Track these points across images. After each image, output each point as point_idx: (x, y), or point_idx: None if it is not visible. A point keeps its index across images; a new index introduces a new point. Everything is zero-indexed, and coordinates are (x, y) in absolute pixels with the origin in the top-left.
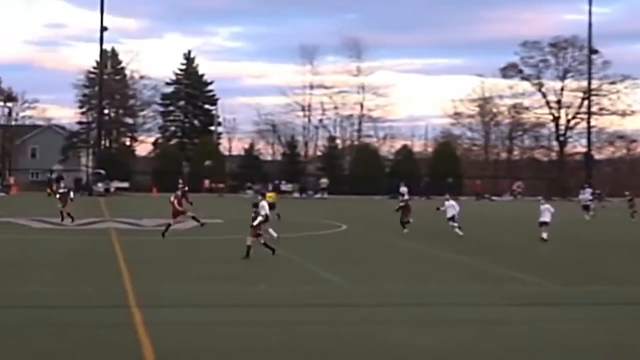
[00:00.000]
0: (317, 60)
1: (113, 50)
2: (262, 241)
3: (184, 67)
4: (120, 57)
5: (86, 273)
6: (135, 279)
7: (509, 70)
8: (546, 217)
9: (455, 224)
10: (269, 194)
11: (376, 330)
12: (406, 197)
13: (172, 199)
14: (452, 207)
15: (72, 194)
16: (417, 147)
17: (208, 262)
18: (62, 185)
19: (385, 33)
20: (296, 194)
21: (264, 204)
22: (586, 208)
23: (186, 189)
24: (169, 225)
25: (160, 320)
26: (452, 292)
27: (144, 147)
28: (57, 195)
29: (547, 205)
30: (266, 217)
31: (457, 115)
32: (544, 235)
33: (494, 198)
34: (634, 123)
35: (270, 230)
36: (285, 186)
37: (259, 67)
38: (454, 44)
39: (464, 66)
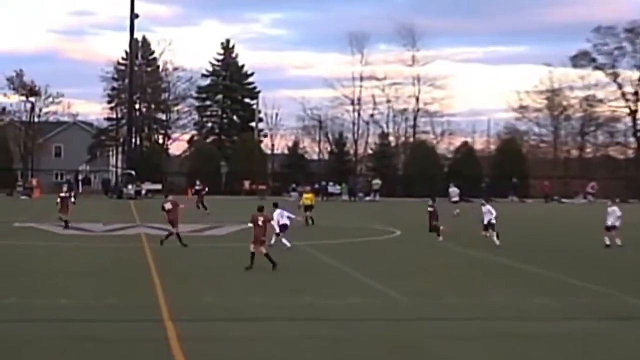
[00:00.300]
0: (367, 49)
1: (144, 39)
2: (264, 251)
3: (221, 57)
4: (152, 47)
5: (115, 283)
6: (169, 289)
7: (581, 59)
8: (614, 221)
9: (493, 232)
10: (306, 195)
11: (437, 349)
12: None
13: (167, 206)
14: (488, 212)
15: (73, 198)
16: (479, 144)
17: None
18: (64, 188)
19: (443, 18)
20: (345, 197)
21: (279, 212)
22: None
23: (206, 190)
24: (170, 234)
25: (196, 335)
26: (519, 305)
27: (178, 146)
28: (58, 200)
29: (615, 208)
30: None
31: (522, 108)
32: (607, 240)
33: (564, 200)
34: None
35: (284, 240)
36: (332, 188)
37: (303, 57)
38: (518, 29)
39: (530, 54)
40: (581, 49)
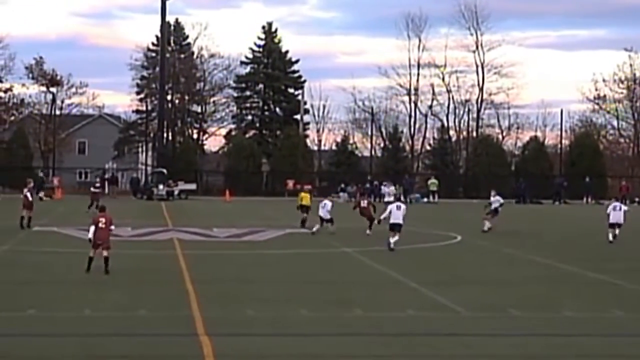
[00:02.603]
0: (425, 33)
1: (177, 22)
2: (105, 254)
3: (263, 42)
4: (186, 32)
5: (145, 294)
6: (204, 301)
7: None
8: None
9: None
10: (302, 194)
11: None
12: (495, 204)
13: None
14: (496, 201)
15: (30, 195)
16: (550, 139)
17: (289, 280)
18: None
19: None
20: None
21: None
22: None
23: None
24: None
25: (235, 353)
26: (595, 319)
27: (214, 141)
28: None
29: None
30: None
31: (599, 99)
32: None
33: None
34: None
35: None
36: (386, 188)
37: (355, 42)
38: (596, 11)
39: (609, 39)
40: None
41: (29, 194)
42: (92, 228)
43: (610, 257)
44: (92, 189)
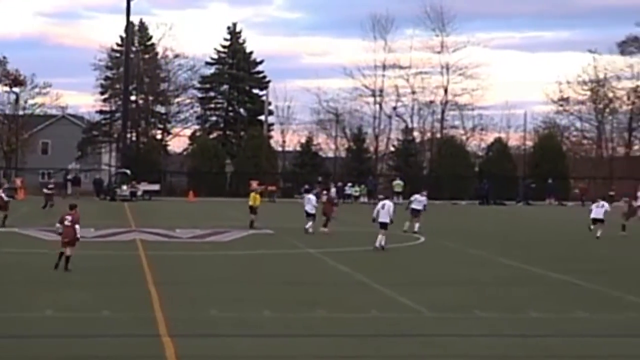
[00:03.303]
0: (391, 34)
1: (142, 23)
2: (68, 253)
3: (228, 43)
4: (151, 32)
5: (108, 295)
6: (167, 302)
7: (629, 45)
8: (599, 215)
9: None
10: (252, 195)
11: None
12: (418, 205)
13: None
14: (419, 202)
15: (5, 196)
16: (514, 140)
17: (253, 281)
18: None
19: (476, 1)
20: (363, 199)
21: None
22: None
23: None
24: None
25: (197, 354)
26: (560, 320)
27: (178, 142)
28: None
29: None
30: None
31: (563, 101)
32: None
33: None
34: None
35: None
36: (350, 189)
37: (320, 42)
38: (561, 13)
39: (574, 40)
40: (630, 34)
41: (3, 195)
42: (58, 225)
43: (573, 258)
44: (44, 190)
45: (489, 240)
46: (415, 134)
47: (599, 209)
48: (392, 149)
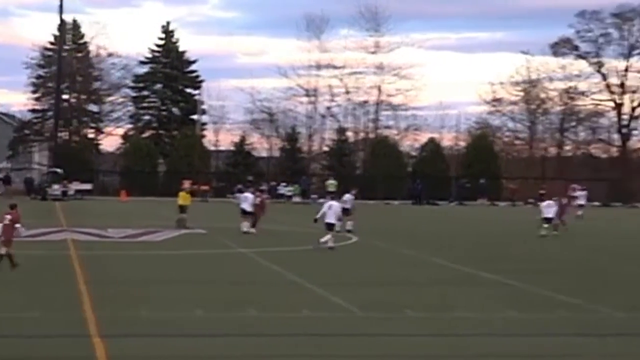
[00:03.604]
0: (326, 34)
1: (74, 21)
2: (4, 252)
3: (161, 42)
4: (84, 30)
5: (39, 295)
6: (98, 302)
7: (562, 47)
8: (549, 214)
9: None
10: (182, 194)
11: None
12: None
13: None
14: (346, 202)
15: None
16: (447, 140)
17: (185, 281)
18: None
19: (411, 1)
20: (297, 199)
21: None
22: None
23: None
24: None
25: (128, 354)
26: (489, 319)
27: (111, 141)
28: None
29: (550, 202)
30: None
31: (496, 101)
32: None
33: (540, 204)
34: None
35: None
36: (284, 189)
37: (255, 42)
38: (495, 14)
39: (507, 42)
40: (563, 36)
41: None
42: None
43: (505, 258)
44: None
45: (421, 240)
46: (349, 133)
47: (549, 209)
48: (325, 148)
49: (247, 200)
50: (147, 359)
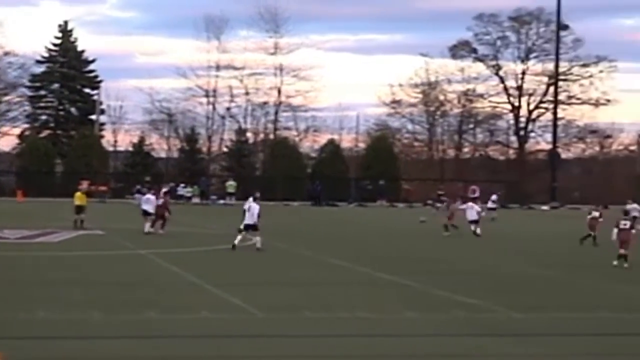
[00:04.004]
0: (225, 35)
1: None
2: None
3: (59, 41)
4: None
5: None
6: None
7: (460, 49)
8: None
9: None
10: (78, 195)
11: None
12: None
13: None
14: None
15: None
16: (346, 142)
17: (82, 282)
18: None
19: (311, 2)
20: (196, 200)
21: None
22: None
23: None
24: None
25: (23, 356)
26: (389, 320)
27: (7, 141)
28: None
29: (471, 204)
30: None
31: (395, 103)
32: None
33: (438, 205)
34: (609, 114)
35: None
36: (183, 189)
37: (153, 42)
38: (395, 16)
39: (407, 44)
40: (461, 39)
41: None
42: None
43: (402, 259)
44: None
45: (320, 241)
46: (249, 134)
47: (472, 211)
48: (225, 149)
49: (149, 201)
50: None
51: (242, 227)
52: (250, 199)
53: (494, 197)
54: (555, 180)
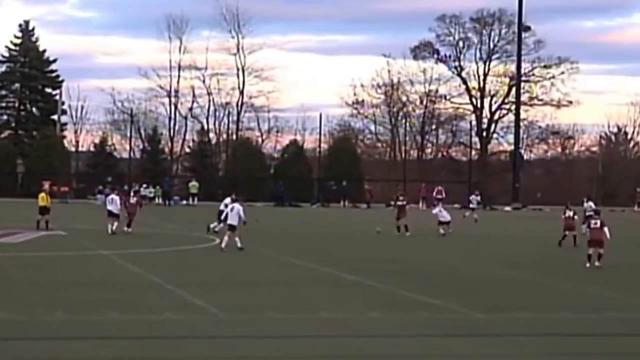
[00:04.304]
0: (187, 35)
1: None
2: None
3: (19, 41)
4: None
5: None
6: None
7: (422, 50)
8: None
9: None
10: (42, 195)
11: None
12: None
13: None
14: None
15: None
16: (309, 142)
17: (44, 282)
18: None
19: (273, 2)
20: (159, 200)
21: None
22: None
23: None
24: None
25: None
26: (352, 320)
27: None
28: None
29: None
30: None
31: (358, 104)
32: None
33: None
34: (571, 116)
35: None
36: (145, 190)
37: (115, 42)
38: (357, 17)
39: (369, 44)
40: (423, 40)
41: None
42: None
43: (365, 259)
44: None
45: (283, 241)
46: (211, 135)
47: (444, 213)
48: (187, 150)
49: (113, 202)
50: None
51: (216, 227)
52: (228, 199)
53: (473, 197)
54: (518, 181)
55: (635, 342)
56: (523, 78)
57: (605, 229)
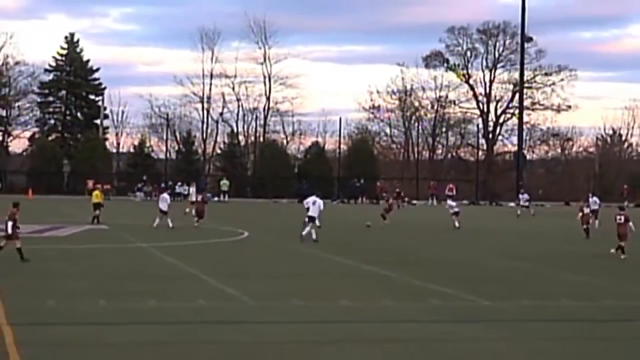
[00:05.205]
0: (218, 46)
1: None
2: None
3: (65, 52)
4: None
5: None
6: (6, 293)
7: (433, 59)
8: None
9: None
10: (95, 193)
11: (285, 352)
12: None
13: None
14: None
15: None
16: (330, 144)
17: (88, 273)
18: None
19: (297, 16)
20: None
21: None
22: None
23: None
24: None
25: (36, 340)
26: (369, 307)
27: (18, 143)
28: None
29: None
30: None
31: (374, 109)
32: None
33: (414, 202)
34: (570, 119)
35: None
36: (180, 188)
37: (153, 53)
38: (373, 29)
39: (384, 54)
40: (434, 50)
41: None
42: (10, 223)
43: (381, 251)
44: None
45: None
46: (240, 137)
47: (453, 205)
48: (218, 151)
49: (165, 200)
50: (53, 345)
51: (306, 219)
52: (314, 196)
53: (524, 196)
54: (521, 179)
55: (629, 327)
56: (526, 85)
57: (630, 223)
